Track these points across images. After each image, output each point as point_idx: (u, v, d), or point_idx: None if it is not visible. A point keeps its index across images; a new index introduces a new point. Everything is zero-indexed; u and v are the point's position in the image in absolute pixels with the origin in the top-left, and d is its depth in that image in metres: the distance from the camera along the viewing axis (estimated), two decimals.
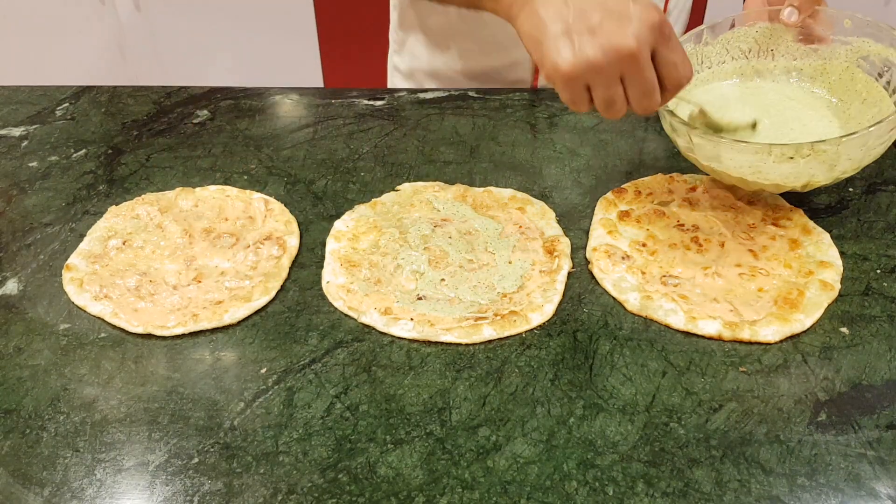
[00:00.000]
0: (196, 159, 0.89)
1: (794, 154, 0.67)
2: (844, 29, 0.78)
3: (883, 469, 0.55)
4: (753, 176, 0.71)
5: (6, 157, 0.91)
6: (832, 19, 0.79)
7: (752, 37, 0.82)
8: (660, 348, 0.65)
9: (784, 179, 0.71)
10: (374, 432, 0.58)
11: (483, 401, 0.60)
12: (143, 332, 0.67)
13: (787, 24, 0.78)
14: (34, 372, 0.64)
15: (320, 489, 0.54)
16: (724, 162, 0.71)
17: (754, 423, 0.58)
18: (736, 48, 0.83)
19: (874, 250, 0.74)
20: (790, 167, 0.68)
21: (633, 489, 0.54)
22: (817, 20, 0.79)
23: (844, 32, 0.78)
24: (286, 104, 1.01)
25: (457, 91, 1.00)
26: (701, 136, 0.70)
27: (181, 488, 0.55)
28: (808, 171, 0.69)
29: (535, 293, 0.69)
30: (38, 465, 0.56)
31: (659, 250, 0.74)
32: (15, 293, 0.72)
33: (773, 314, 0.66)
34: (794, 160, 0.67)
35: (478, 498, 0.53)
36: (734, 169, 0.72)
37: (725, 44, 0.82)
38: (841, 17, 0.78)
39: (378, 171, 0.87)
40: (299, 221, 0.79)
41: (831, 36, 0.79)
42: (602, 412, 0.59)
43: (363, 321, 0.68)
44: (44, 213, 0.82)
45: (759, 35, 0.82)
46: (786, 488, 0.53)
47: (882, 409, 0.59)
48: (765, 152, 0.68)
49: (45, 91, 1.03)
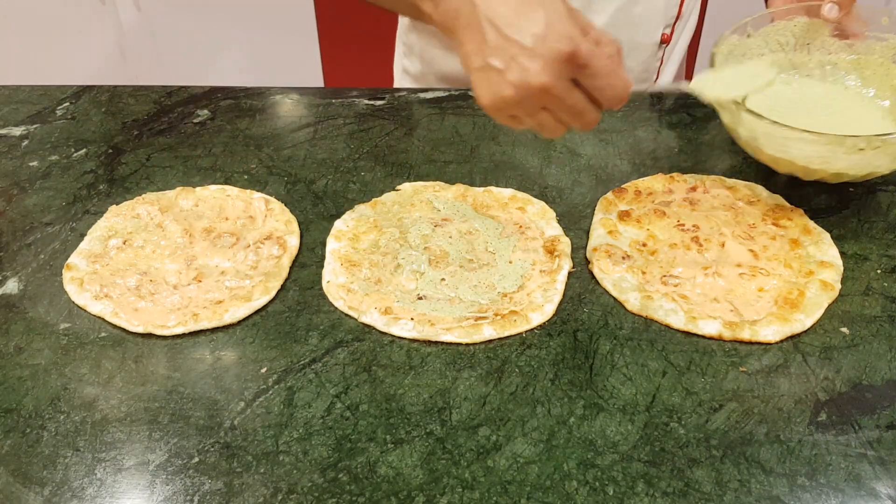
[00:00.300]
0: (196, 159, 0.89)
1: (866, 145, 0.69)
2: (882, 26, 0.82)
3: (883, 469, 0.55)
4: (821, 165, 0.73)
5: (7, 156, 0.91)
6: (870, 16, 0.82)
7: (791, 31, 0.85)
8: (660, 348, 0.65)
9: (850, 169, 0.73)
10: (374, 432, 0.58)
11: (483, 400, 0.60)
12: (144, 331, 0.67)
13: (828, 20, 0.81)
14: (34, 371, 0.64)
15: (320, 489, 0.54)
16: (792, 152, 0.73)
17: (754, 423, 0.58)
18: (775, 41, 0.86)
19: (874, 250, 0.74)
20: (858, 158, 0.71)
21: (634, 489, 0.54)
22: (853, 17, 0.82)
23: (881, 29, 0.82)
24: (286, 104, 1.01)
25: (457, 91, 1.00)
26: (771, 125, 0.71)
27: (181, 488, 0.55)
28: (874, 161, 0.72)
29: (536, 293, 0.69)
30: (38, 464, 0.56)
31: (659, 250, 0.74)
32: (15, 293, 0.72)
33: (773, 314, 0.66)
34: (863, 151, 0.69)
35: (478, 498, 0.53)
36: (802, 159, 0.74)
37: (766, 36, 0.85)
38: (880, 14, 0.81)
39: (378, 170, 0.87)
40: (300, 221, 0.79)
41: (867, 32, 0.83)
42: (602, 412, 0.59)
43: (363, 321, 0.68)
44: (44, 213, 0.82)
45: (797, 29, 0.85)
46: (786, 488, 0.53)
47: (882, 409, 0.59)
48: (837, 143, 0.69)
49: (46, 91, 1.03)
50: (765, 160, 0.78)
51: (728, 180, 0.82)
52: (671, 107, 0.96)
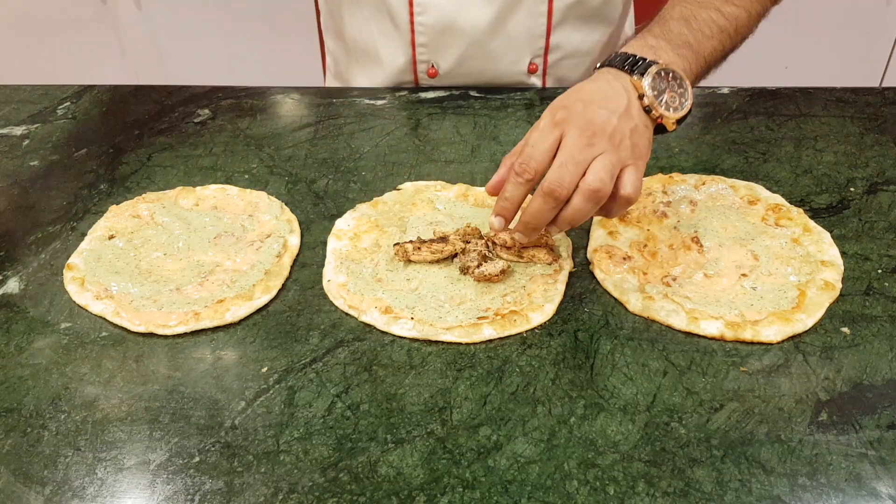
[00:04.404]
0: (197, 158, 0.89)
1: None
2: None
3: (884, 469, 0.55)
4: None
5: (8, 156, 0.91)
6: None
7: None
8: (661, 348, 0.64)
9: None
10: (374, 431, 0.58)
11: (484, 400, 0.60)
12: (145, 330, 0.67)
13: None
14: (35, 371, 0.64)
15: (321, 488, 0.54)
16: None
17: (755, 423, 0.58)
18: None
19: (875, 250, 0.74)
20: None
21: (634, 489, 0.54)
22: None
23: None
24: (287, 103, 1.01)
25: (458, 90, 1.00)
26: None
27: (182, 487, 0.55)
28: None
29: (536, 293, 0.69)
30: (39, 463, 0.56)
31: (659, 251, 0.74)
32: (16, 292, 0.72)
33: (774, 314, 0.66)
34: None
35: (478, 497, 0.53)
36: None
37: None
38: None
39: (379, 170, 0.87)
40: (300, 220, 0.79)
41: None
42: (603, 412, 0.59)
43: (364, 320, 0.68)
44: (45, 213, 0.82)
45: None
46: (787, 488, 0.53)
47: (883, 408, 0.59)
48: None
49: (47, 90, 1.03)
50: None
51: (728, 180, 0.82)
52: None
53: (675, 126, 0.69)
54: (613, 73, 0.68)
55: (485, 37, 0.96)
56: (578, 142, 0.63)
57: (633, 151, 0.65)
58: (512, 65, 1.00)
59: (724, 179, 0.82)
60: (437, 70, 1.00)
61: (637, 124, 0.66)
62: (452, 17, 0.95)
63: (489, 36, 0.97)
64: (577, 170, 0.63)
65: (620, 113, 0.65)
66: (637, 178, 0.65)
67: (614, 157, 0.63)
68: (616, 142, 0.64)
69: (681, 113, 0.68)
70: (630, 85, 0.67)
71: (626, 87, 0.67)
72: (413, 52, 0.98)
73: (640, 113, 0.67)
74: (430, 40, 0.97)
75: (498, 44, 0.98)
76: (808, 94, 0.99)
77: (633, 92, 0.67)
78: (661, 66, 0.67)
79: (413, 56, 0.99)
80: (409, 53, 0.99)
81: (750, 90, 1.00)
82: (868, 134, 0.91)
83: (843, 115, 0.95)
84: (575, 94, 0.67)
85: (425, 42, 0.97)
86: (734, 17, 0.77)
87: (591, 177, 0.62)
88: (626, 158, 0.64)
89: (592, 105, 0.65)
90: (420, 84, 1.03)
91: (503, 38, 0.97)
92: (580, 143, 0.63)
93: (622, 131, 0.64)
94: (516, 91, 1.01)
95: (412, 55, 0.99)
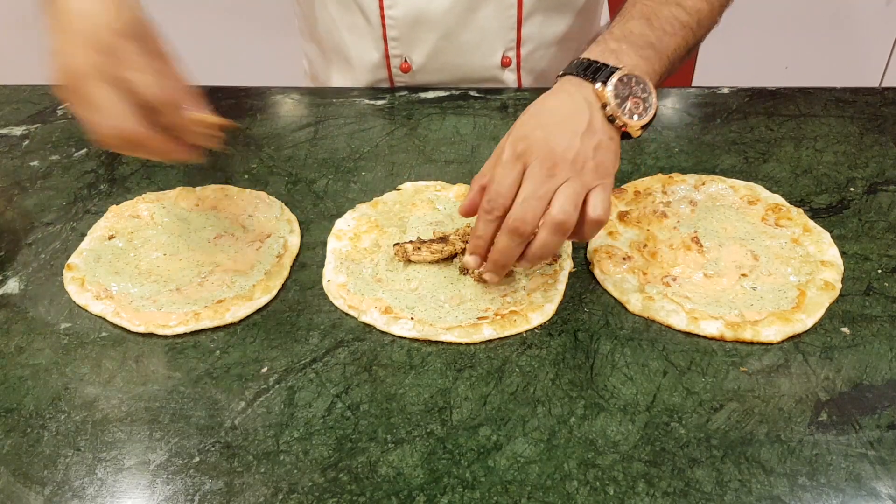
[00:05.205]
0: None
1: None
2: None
3: (884, 469, 0.55)
4: None
5: (7, 156, 0.91)
6: None
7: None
8: (661, 348, 0.65)
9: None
10: (374, 432, 0.58)
11: (484, 400, 0.60)
12: (145, 331, 0.67)
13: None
14: (35, 371, 0.64)
15: (321, 488, 0.54)
16: None
17: (755, 423, 0.58)
18: None
19: (875, 250, 0.74)
20: None
21: (634, 489, 0.54)
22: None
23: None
24: (287, 103, 1.01)
25: (458, 90, 1.00)
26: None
27: (182, 487, 0.55)
28: None
29: (536, 293, 0.69)
30: (39, 464, 0.56)
31: (659, 251, 0.74)
32: (16, 292, 0.72)
33: (774, 314, 0.66)
34: None
35: (478, 497, 0.53)
36: None
37: None
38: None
39: (379, 170, 0.87)
40: (300, 220, 0.79)
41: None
42: (603, 412, 0.59)
43: (364, 320, 0.68)
44: (45, 213, 0.82)
45: None
46: (787, 488, 0.53)
47: (883, 408, 0.59)
48: None
49: (47, 90, 1.03)
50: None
51: (728, 180, 0.82)
52: (671, 107, 0.96)
53: (641, 132, 0.68)
54: (575, 82, 0.67)
55: (456, 28, 0.96)
56: (539, 174, 0.62)
57: (598, 171, 0.64)
58: (485, 58, 1.00)
59: (724, 179, 0.82)
60: (410, 65, 0.99)
61: (601, 139, 0.65)
62: (421, 9, 0.95)
63: (460, 27, 0.96)
64: (539, 204, 0.62)
65: (582, 132, 0.64)
66: (605, 198, 0.63)
67: (578, 185, 0.62)
68: (578, 167, 0.63)
69: (645, 119, 0.67)
70: (592, 95, 0.66)
71: (587, 98, 0.66)
72: (385, 46, 0.98)
73: (603, 125, 0.65)
74: (401, 34, 0.97)
75: (469, 36, 0.97)
76: (808, 94, 0.99)
77: (595, 103, 0.66)
78: (623, 73, 0.66)
79: (385, 51, 0.99)
80: (381, 48, 0.99)
81: (750, 90, 1.00)
82: (868, 134, 0.91)
83: (842, 115, 0.94)
84: (535, 120, 0.66)
85: (397, 36, 0.97)
86: (696, 11, 0.75)
87: (555, 209, 0.62)
88: (590, 182, 0.63)
89: (552, 130, 0.64)
90: (395, 83, 1.02)
91: (474, 30, 0.97)
92: (541, 175, 0.62)
93: (584, 154, 0.63)
94: (516, 91, 1.01)
95: (384, 50, 0.99)
